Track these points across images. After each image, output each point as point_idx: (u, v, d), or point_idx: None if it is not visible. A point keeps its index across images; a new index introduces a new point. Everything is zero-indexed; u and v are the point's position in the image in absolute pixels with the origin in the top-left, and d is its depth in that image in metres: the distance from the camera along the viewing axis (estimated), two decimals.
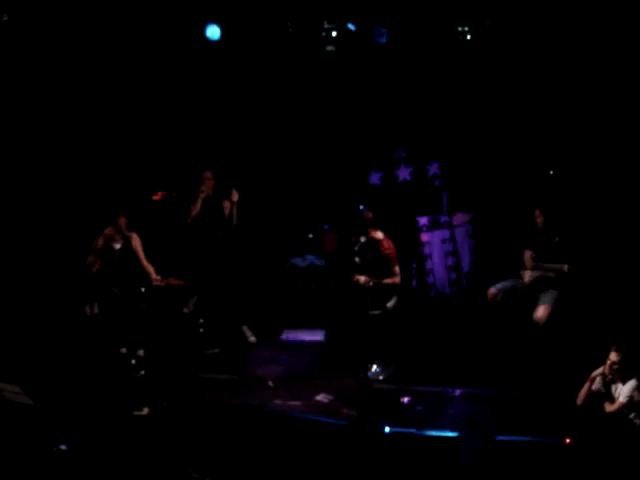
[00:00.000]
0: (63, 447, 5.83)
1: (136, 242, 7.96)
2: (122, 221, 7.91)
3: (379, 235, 7.80)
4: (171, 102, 9.74)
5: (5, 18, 8.01)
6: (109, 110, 9.61)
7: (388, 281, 7.73)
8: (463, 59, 9.24)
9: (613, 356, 6.25)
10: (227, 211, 8.59)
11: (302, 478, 5.61)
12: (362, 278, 7.60)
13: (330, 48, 9.20)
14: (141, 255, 7.96)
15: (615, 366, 6.21)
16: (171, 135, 9.82)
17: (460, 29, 8.86)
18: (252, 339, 8.65)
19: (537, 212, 7.93)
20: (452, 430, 5.80)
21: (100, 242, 7.89)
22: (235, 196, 8.52)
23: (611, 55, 8.43)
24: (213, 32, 8.99)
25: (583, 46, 8.51)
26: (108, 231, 7.93)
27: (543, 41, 8.63)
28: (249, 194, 9.61)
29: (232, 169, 9.32)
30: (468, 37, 8.89)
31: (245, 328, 8.68)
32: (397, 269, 7.84)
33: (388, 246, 7.79)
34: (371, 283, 7.55)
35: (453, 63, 9.33)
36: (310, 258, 9.38)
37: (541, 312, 7.55)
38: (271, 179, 10.04)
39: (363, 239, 7.67)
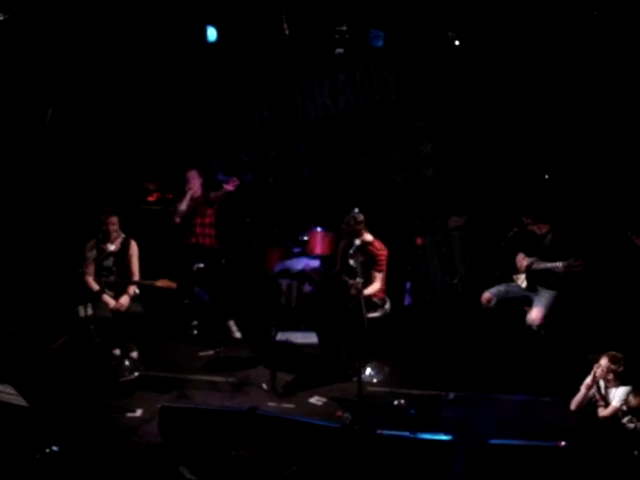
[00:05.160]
0: (55, 448, 5.82)
1: (133, 249, 7.81)
2: (113, 220, 7.70)
3: (369, 237, 7.77)
4: (167, 104, 9.77)
5: (1, 18, 7.97)
6: (104, 111, 9.63)
7: (369, 291, 7.46)
8: (458, 63, 9.26)
9: (604, 361, 6.25)
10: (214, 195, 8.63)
11: None
12: (358, 281, 7.22)
13: (339, 51, 9.21)
14: (134, 265, 7.76)
15: (610, 371, 6.21)
16: (166, 136, 9.84)
17: (450, 34, 8.90)
18: (237, 335, 8.64)
19: (529, 220, 7.86)
20: (446, 433, 5.78)
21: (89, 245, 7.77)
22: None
23: (606, 58, 8.47)
24: (210, 34, 8.97)
25: (577, 49, 8.55)
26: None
27: (537, 44, 8.65)
28: (245, 197, 9.67)
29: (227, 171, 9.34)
30: (457, 43, 8.96)
31: (231, 323, 8.66)
32: (381, 275, 7.62)
33: (380, 247, 7.75)
34: (360, 286, 7.15)
35: (448, 66, 9.35)
36: (304, 260, 9.36)
37: (535, 314, 7.55)
38: (267, 181, 10.07)
39: (358, 242, 7.61)
